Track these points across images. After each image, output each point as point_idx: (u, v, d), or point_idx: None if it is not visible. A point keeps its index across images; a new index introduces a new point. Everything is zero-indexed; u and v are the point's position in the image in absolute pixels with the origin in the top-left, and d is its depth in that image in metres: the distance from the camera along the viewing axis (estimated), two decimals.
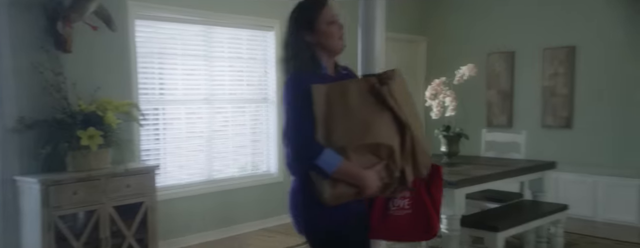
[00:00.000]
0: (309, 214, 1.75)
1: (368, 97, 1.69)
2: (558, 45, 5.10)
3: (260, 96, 4.68)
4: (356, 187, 1.66)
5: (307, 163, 1.66)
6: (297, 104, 1.68)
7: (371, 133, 1.65)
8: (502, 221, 3.05)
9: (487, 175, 3.14)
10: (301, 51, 1.76)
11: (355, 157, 1.65)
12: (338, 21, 1.80)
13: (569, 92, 5.09)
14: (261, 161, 4.73)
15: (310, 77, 1.71)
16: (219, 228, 4.30)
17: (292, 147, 1.68)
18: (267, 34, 4.64)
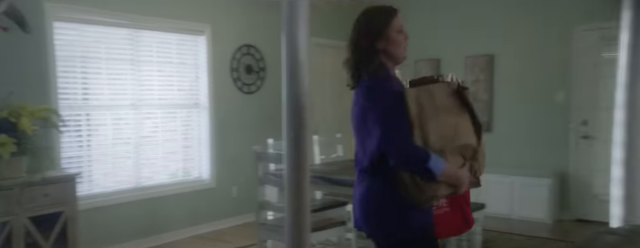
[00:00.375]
0: (402, 215, 1.75)
1: (451, 100, 1.76)
2: (478, 54, 5.43)
3: (192, 101, 4.62)
4: (453, 186, 1.73)
5: (417, 166, 1.67)
6: (392, 110, 1.70)
7: (460, 135, 1.74)
8: None
9: None
10: (372, 57, 1.80)
11: (450, 159, 1.72)
12: (404, 31, 1.87)
13: (489, 98, 5.42)
14: (193, 167, 4.66)
15: (390, 83, 1.78)
16: (147, 236, 4.19)
17: (400, 152, 1.69)
18: (198, 39, 4.59)
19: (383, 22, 1.83)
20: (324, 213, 3.62)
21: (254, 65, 5.06)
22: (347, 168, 3.65)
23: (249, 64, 5.00)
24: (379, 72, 1.80)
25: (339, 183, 3.22)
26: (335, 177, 3.27)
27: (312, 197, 4.02)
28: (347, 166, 3.76)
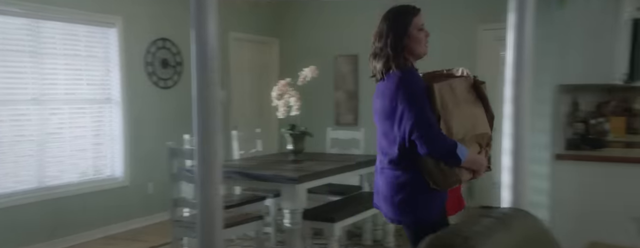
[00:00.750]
0: (428, 200, 1.90)
1: (469, 93, 1.94)
2: None
3: (103, 96, 4.40)
4: (473, 171, 1.92)
5: (447, 155, 1.83)
6: (422, 101, 1.84)
7: (477, 124, 1.93)
8: (339, 212, 3.30)
9: (326, 170, 3.37)
10: (398, 52, 1.93)
11: (469, 146, 1.89)
12: (425, 29, 1.99)
13: None
14: (105, 165, 4.45)
15: (418, 75, 1.93)
16: (54, 238, 3.95)
17: (432, 141, 1.82)
18: (108, 31, 4.38)
19: (407, 21, 1.97)
20: (241, 208, 3.62)
21: (170, 60, 4.91)
22: (266, 163, 3.68)
23: (164, 58, 4.85)
24: (407, 65, 1.95)
25: (257, 178, 3.23)
26: (253, 172, 3.27)
27: (231, 193, 4.00)
28: (266, 161, 3.78)
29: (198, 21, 2.03)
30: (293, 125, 3.78)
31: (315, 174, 3.26)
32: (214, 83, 2.09)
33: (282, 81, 3.78)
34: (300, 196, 3.12)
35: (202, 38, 2.03)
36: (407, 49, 1.97)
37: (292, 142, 3.77)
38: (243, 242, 3.99)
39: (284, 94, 3.75)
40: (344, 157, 4.00)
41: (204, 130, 2.07)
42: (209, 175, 2.08)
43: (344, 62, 6.02)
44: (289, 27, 6.33)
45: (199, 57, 2.06)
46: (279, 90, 3.75)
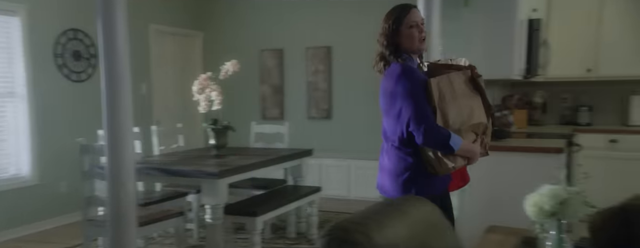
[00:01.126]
0: (424, 184, 2.08)
1: (466, 85, 2.06)
2: (318, 45, 5.73)
3: (6, 90, 4.08)
4: (467, 158, 2.07)
5: (441, 145, 1.98)
6: (418, 94, 1.98)
7: (473, 115, 2.05)
8: (261, 206, 3.31)
9: (248, 164, 3.36)
10: (392, 49, 2.08)
11: (465, 135, 2.03)
12: (419, 26, 2.07)
13: (328, 87, 5.76)
14: (9, 163, 4.14)
15: (414, 70, 2.04)
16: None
17: (427, 134, 1.97)
18: (10, 20, 4.06)
19: (398, 19, 2.08)
20: (162, 205, 3.53)
21: (83, 52, 4.65)
22: (187, 158, 3.61)
23: (77, 49, 4.58)
24: (404, 59, 2.09)
25: (177, 174, 3.16)
26: (172, 168, 3.20)
27: (151, 189, 3.88)
28: (187, 156, 3.70)
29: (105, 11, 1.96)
30: (215, 119, 3.73)
31: (237, 169, 3.24)
32: (124, 77, 2.03)
33: (203, 75, 3.71)
34: (221, 191, 3.10)
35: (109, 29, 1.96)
36: (403, 46, 2.09)
37: (214, 136, 3.72)
38: (164, 239, 3.89)
39: (205, 88, 3.69)
40: (268, 151, 4.00)
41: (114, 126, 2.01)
42: (119, 172, 2.02)
43: (269, 56, 6.00)
44: (214, 20, 6.21)
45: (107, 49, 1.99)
46: (199, 84, 3.68)
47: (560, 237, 1.85)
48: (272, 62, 6.00)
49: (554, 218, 1.82)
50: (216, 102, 3.66)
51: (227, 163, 3.34)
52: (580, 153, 4.07)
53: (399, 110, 2.04)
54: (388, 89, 2.08)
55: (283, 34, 5.91)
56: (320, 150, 5.60)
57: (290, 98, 5.98)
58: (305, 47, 5.79)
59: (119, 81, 1.98)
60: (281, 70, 5.98)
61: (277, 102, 6.03)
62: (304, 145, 4.68)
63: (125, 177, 2.00)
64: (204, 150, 4.06)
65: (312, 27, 5.74)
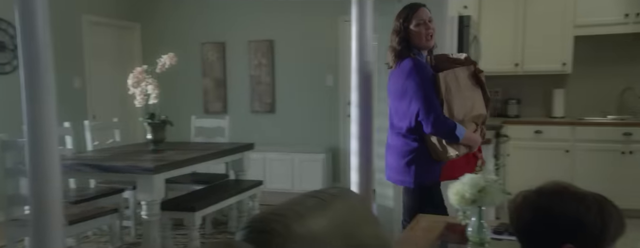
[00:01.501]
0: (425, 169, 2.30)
1: (469, 80, 2.26)
2: (260, 39, 5.70)
3: None
4: (469, 147, 2.26)
5: (446, 133, 2.18)
6: (428, 87, 2.18)
7: (475, 107, 2.25)
8: (200, 201, 3.27)
9: (186, 159, 3.31)
10: (402, 45, 2.28)
11: (467, 126, 2.24)
12: (426, 24, 2.26)
13: (271, 81, 5.75)
14: None
15: (423, 63, 2.24)
16: None
17: (435, 124, 2.18)
18: None
19: (407, 17, 2.29)
20: (96, 202, 3.42)
21: (7, 42, 4.39)
22: (122, 154, 3.50)
23: (0, 40, 4.32)
24: (414, 54, 2.28)
25: (110, 170, 3.06)
26: (105, 163, 3.10)
27: (85, 186, 3.74)
28: (122, 152, 3.59)
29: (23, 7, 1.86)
30: (152, 114, 3.63)
31: (174, 164, 3.19)
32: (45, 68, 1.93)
33: (139, 68, 3.61)
34: (157, 187, 3.03)
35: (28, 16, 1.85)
36: (412, 43, 2.29)
37: (151, 131, 3.63)
38: (100, 237, 3.77)
39: (141, 82, 3.59)
40: (208, 146, 3.95)
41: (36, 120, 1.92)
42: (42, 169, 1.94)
43: (211, 49, 5.91)
44: (151, 12, 6.03)
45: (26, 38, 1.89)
46: (135, 77, 3.57)
47: (480, 222, 1.96)
48: (214, 55, 5.91)
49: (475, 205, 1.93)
50: (152, 96, 3.57)
51: (164, 159, 3.27)
52: (509, 144, 4.31)
53: (409, 101, 2.25)
54: (399, 81, 2.29)
55: (225, 27, 5.83)
56: (264, 144, 5.60)
57: (233, 92, 5.92)
58: (247, 40, 5.74)
59: (40, 73, 1.88)
60: (223, 64, 5.90)
61: (220, 96, 5.95)
62: (247, 139, 4.67)
63: (49, 173, 1.91)
64: (142, 145, 3.96)
65: (255, 20, 5.70)
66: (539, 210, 1.03)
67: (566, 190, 1.03)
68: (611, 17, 4.19)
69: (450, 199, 1.96)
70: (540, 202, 1.04)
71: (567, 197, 1.02)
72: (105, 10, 5.53)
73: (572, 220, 0.99)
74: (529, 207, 1.05)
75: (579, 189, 1.04)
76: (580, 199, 1.00)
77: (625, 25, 4.16)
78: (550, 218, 1.01)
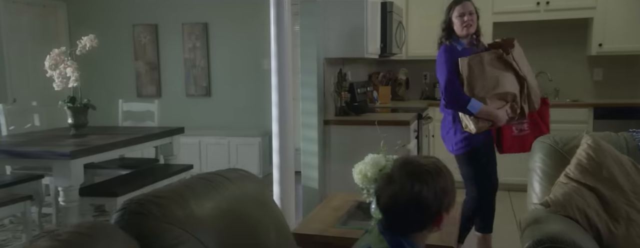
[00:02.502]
0: (460, 138, 2.66)
1: (497, 62, 2.56)
2: (194, 22, 5.58)
3: None
4: (491, 121, 2.55)
5: (458, 107, 2.56)
6: (449, 69, 2.54)
7: (499, 86, 2.54)
8: (123, 186, 3.21)
9: (107, 144, 3.21)
10: (444, 34, 2.65)
11: (490, 102, 2.53)
12: (464, 15, 2.59)
13: (206, 64, 5.66)
14: None
15: (454, 49, 2.59)
16: None
17: (449, 98, 2.57)
18: None
19: (449, 10, 2.66)
20: (11, 188, 3.28)
21: None
22: (39, 139, 3.37)
23: None
24: (449, 42, 2.63)
25: (24, 155, 2.94)
26: (18, 149, 2.97)
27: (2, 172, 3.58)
28: (40, 137, 3.46)
29: None
30: (72, 97, 3.51)
31: (93, 148, 3.09)
32: None
33: (56, 50, 3.46)
34: (75, 172, 2.95)
35: None
36: (454, 32, 2.64)
37: (72, 115, 3.51)
38: (17, 225, 3.64)
39: (60, 64, 3.45)
40: (134, 130, 3.86)
41: None
42: None
43: (143, 31, 5.73)
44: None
45: None
46: (52, 60, 3.43)
47: None
48: (147, 37, 5.74)
49: None
50: (72, 79, 3.44)
51: (83, 143, 3.17)
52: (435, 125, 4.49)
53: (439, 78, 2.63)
54: (436, 64, 2.64)
55: (157, 9, 5.66)
56: (200, 128, 5.54)
57: (167, 75, 5.79)
58: (181, 23, 5.61)
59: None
60: (156, 47, 5.75)
61: (153, 79, 5.81)
62: (183, 123, 4.59)
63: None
64: (62, 130, 3.81)
65: (188, 2, 5.57)
66: (399, 192, 1.11)
67: (416, 169, 1.13)
68: (525, 5, 4.42)
69: (354, 178, 2.05)
70: (391, 176, 1.11)
71: (416, 178, 1.11)
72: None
73: (419, 199, 1.09)
74: (384, 183, 1.13)
75: (425, 167, 1.14)
76: (426, 181, 1.10)
77: (537, 13, 4.40)
78: (409, 199, 1.11)
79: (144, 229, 1.07)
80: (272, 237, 1.44)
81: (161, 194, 1.19)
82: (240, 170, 1.61)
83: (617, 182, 1.78)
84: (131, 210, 1.11)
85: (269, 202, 1.56)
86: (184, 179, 1.39)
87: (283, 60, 2.60)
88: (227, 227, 1.27)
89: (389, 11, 3.57)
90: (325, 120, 3.42)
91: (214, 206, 1.27)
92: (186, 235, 1.11)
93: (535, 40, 4.70)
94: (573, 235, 1.59)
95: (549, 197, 1.85)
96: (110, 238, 0.95)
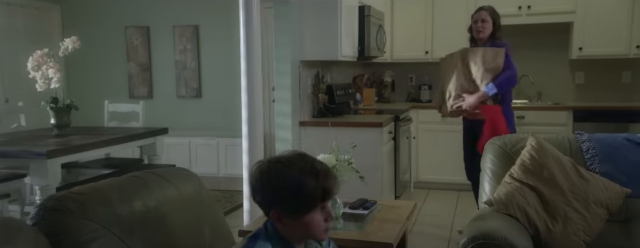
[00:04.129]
0: None
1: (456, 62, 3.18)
2: (185, 24, 5.65)
3: None
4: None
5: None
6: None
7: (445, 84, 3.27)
8: None
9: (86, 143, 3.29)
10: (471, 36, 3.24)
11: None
12: (477, 22, 3.10)
13: (197, 66, 5.73)
14: None
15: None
16: None
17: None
18: None
19: (471, 17, 3.18)
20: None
21: None
22: (20, 138, 3.45)
23: None
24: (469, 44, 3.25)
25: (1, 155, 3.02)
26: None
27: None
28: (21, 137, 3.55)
29: None
30: (55, 98, 3.59)
31: (71, 148, 3.17)
32: None
33: (39, 51, 3.55)
34: (52, 172, 3.02)
35: None
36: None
37: (54, 116, 3.59)
38: None
39: (42, 66, 3.53)
40: (118, 130, 3.94)
41: None
42: None
43: (135, 33, 5.82)
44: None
45: None
46: (35, 61, 3.52)
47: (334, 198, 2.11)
48: (138, 39, 5.82)
49: None
50: (54, 80, 3.52)
51: (63, 143, 3.25)
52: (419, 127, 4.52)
53: None
54: None
55: (149, 11, 5.74)
56: (190, 128, 5.61)
57: (158, 77, 5.86)
58: (172, 25, 5.69)
59: None
60: (148, 48, 5.83)
61: (145, 81, 5.89)
62: (173, 124, 4.66)
63: None
64: (46, 130, 3.90)
65: (179, 4, 5.65)
66: (260, 178, 1.16)
67: (276, 159, 1.16)
68: (507, 9, 4.43)
69: None
70: (264, 170, 1.16)
71: (280, 166, 1.14)
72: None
73: (280, 187, 1.13)
74: (256, 174, 1.18)
75: (280, 158, 1.16)
76: (289, 168, 1.13)
77: (519, 17, 4.42)
78: (263, 185, 1.15)
79: (59, 225, 1.12)
80: (207, 237, 1.48)
81: (83, 191, 1.24)
82: (184, 170, 1.66)
83: (557, 181, 1.82)
84: (48, 206, 1.16)
85: (208, 203, 1.60)
86: (118, 178, 1.43)
87: (252, 62, 2.65)
88: (153, 225, 1.31)
89: (367, 15, 3.62)
90: (301, 122, 3.47)
91: (140, 204, 1.32)
92: (103, 230, 1.16)
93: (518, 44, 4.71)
94: (506, 231, 1.63)
95: (492, 196, 1.89)
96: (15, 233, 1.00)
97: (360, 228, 1.95)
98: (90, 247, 1.13)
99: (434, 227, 3.50)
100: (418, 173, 4.62)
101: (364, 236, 1.86)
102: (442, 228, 3.48)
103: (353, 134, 3.42)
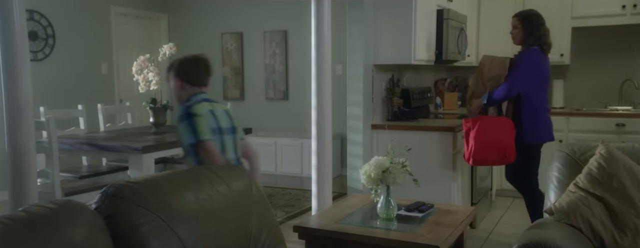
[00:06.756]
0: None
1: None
2: (275, 29, 5.94)
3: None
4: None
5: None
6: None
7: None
8: None
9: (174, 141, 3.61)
10: None
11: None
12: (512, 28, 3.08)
13: (284, 70, 5.99)
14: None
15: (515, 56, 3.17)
16: None
17: None
18: None
19: None
20: (102, 178, 3.82)
21: (40, 32, 4.91)
22: (124, 135, 3.88)
23: (34, 30, 4.85)
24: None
25: (105, 149, 3.42)
26: (101, 143, 3.46)
27: (96, 164, 4.18)
28: (125, 133, 3.98)
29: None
30: (154, 99, 3.99)
31: (164, 145, 3.50)
32: (21, 53, 2.19)
33: (142, 57, 3.96)
34: (147, 165, 3.35)
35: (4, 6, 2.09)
36: None
37: (153, 115, 3.99)
38: None
39: (144, 69, 3.94)
40: None
41: (12, 102, 2.24)
42: (20, 145, 2.22)
43: (229, 39, 6.23)
44: (177, 4, 6.43)
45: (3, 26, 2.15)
46: (138, 65, 3.93)
47: (388, 200, 2.13)
48: (233, 44, 6.23)
49: (383, 184, 2.10)
50: (153, 83, 3.91)
51: (158, 140, 3.60)
52: None
53: None
54: None
55: (243, 18, 6.12)
56: (277, 129, 5.89)
57: (249, 80, 6.23)
58: (263, 30, 6.01)
59: (14, 58, 2.14)
60: (241, 53, 6.22)
61: (238, 84, 6.28)
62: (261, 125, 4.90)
63: (25, 149, 2.20)
64: (147, 127, 4.34)
65: (270, 11, 5.95)
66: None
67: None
68: (609, 9, 4.06)
69: (361, 179, 2.14)
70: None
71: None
72: (134, 2, 5.98)
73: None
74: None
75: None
76: None
77: (623, 17, 4.02)
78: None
79: (114, 209, 1.30)
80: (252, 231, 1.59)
81: (139, 181, 1.41)
82: (237, 168, 1.79)
83: (627, 193, 1.68)
84: (109, 193, 1.34)
85: (256, 200, 1.72)
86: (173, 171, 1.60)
87: (321, 66, 2.75)
88: (199, 215, 1.45)
89: (446, 18, 3.54)
90: (373, 125, 3.50)
91: (189, 195, 1.46)
92: (153, 216, 1.32)
93: (620, 46, 4.30)
94: (561, 242, 1.55)
95: (553, 204, 1.79)
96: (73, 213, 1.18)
97: (410, 231, 1.95)
98: (140, 229, 1.29)
99: (509, 237, 3.34)
100: (502, 181, 4.40)
101: (411, 238, 1.86)
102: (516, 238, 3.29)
103: (424, 138, 3.38)
